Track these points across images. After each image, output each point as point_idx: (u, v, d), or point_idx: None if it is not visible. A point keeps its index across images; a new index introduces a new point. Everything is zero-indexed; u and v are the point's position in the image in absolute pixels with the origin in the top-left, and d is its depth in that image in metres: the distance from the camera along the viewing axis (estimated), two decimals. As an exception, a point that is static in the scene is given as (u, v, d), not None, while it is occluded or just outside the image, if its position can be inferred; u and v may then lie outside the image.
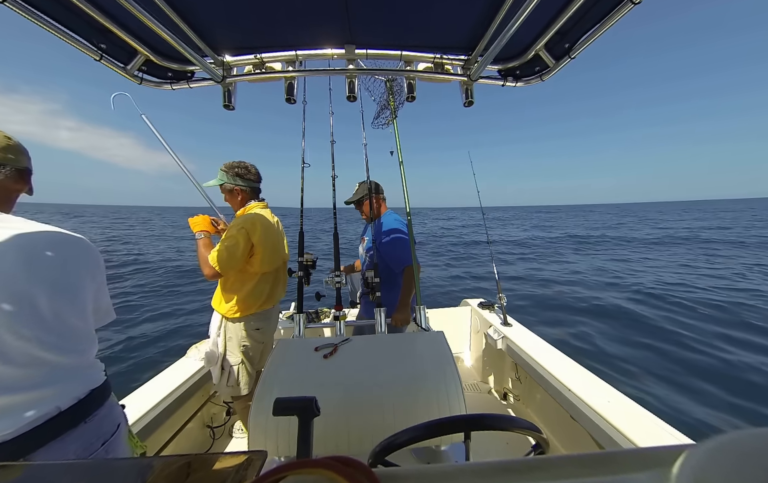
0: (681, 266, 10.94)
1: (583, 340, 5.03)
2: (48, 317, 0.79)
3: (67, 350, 0.83)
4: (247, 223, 1.75)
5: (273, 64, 1.45)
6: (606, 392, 1.62)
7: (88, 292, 0.91)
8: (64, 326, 0.83)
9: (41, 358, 0.77)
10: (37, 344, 0.77)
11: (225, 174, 1.86)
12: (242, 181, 1.87)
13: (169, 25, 1.07)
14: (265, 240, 1.80)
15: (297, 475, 0.32)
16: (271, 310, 1.98)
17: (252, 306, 1.84)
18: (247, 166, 1.90)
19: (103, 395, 0.91)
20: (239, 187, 1.88)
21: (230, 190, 1.89)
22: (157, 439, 1.67)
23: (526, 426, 0.77)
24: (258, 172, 1.95)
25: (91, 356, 0.92)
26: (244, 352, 1.84)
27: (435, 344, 1.41)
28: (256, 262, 1.80)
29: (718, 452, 0.22)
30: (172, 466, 0.43)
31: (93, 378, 0.90)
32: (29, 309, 0.76)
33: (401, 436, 0.75)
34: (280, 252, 1.98)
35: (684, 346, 4.66)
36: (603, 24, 1.07)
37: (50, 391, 0.78)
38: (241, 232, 1.72)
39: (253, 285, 1.84)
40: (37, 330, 0.77)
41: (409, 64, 1.48)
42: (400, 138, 2.23)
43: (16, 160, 0.90)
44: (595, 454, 0.33)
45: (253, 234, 1.75)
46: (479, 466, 0.33)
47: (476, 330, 2.89)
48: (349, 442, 1.09)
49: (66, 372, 0.82)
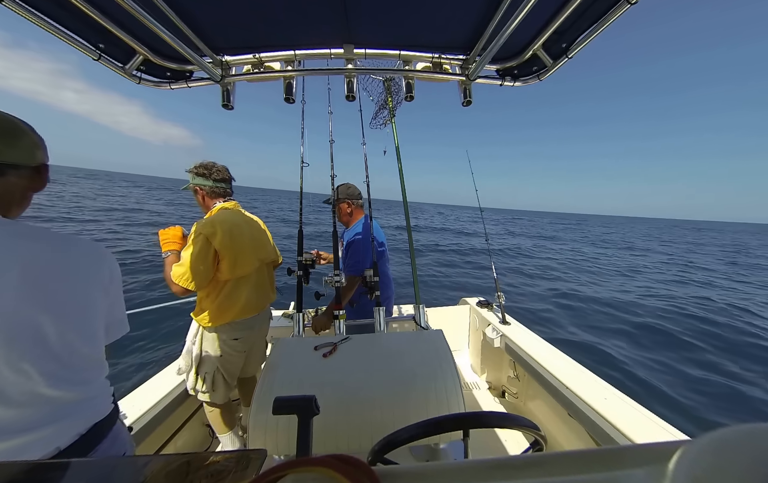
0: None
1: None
2: (56, 347, 0.70)
3: (74, 382, 0.74)
4: (206, 227, 1.59)
5: (272, 63, 1.45)
6: (603, 389, 1.63)
7: (100, 310, 0.81)
8: (73, 355, 0.74)
9: (44, 395, 0.68)
10: (40, 378, 0.68)
11: (190, 175, 1.75)
12: (204, 180, 1.74)
13: (168, 24, 1.07)
14: (230, 243, 1.64)
15: (297, 473, 0.32)
16: (252, 319, 1.82)
17: (226, 314, 1.70)
18: (210, 166, 1.75)
19: (106, 426, 0.82)
20: (200, 187, 1.75)
21: (194, 191, 1.78)
22: (156, 438, 1.67)
23: (524, 423, 0.77)
24: (224, 170, 1.79)
25: (98, 384, 0.83)
26: (221, 363, 1.74)
27: (434, 343, 1.42)
28: (224, 267, 1.63)
29: (715, 448, 0.22)
30: (172, 465, 0.43)
31: (98, 409, 0.80)
32: (33, 339, 0.67)
33: (400, 434, 0.75)
34: (256, 253, 1.82)
35: None
36: (600, 23, 1.07)
37: (50, 431, 0.70)
38: (198, 238, 1.57)
39: (226, 292, 1.69)
40: (41, 363, 0.68)
41: (408, 64, 1.48)
42: (399, 137, 2.24)
43: (31, 157, 0.76)
44: (592, 450, 0.34)
45: (213, 238, 1.59)
46: (478, 463, 0.33)
47: (475, 328, 2.90)
48: (348, 441, 1.09)
49: (69, 407, 0.73)
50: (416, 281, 2.09)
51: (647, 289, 9.89)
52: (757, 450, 0.20)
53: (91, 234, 11.53)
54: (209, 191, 1.77)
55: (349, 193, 2.20)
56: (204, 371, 1.73)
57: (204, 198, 1.78)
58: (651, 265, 15.54)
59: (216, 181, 1.76)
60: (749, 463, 0.20)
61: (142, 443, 1.49)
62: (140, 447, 1.47)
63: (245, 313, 1.76)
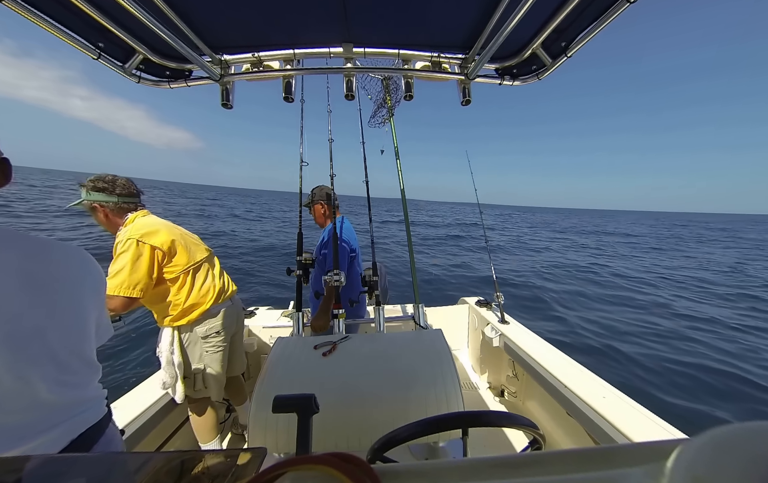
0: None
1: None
2: (59, 352, 0.70)
3: (73, 385, 0.74)
4: (137, 231, 1.53)
5: (271, 62, 1.44)
6: (602, 388, 1.63)
7: (92, 313, 0.82)
8: (71, 357, 0.74)
9: (42, 401, 0.68)
10: (42, 384, 0.67)
11: (83, 190, 1.55)
12: (106, 196, 1.56)
13: (167, 23, 1.07)
14: (176, 232, 1.66)
15: (296, 471, 0.32)
16: (224, 305, 1.81)
17: (200, 304, 1.70)
18: (111, 180, 1.59)
19: (100, 430, 0.81)
20: (99, 203, 1.56)
21: (91, 207, 1.58)
22: (156, 436, 1.67)
23: (523, 422, 0.78)
24: (128, 184, 1.64)
25: (93, 387, 0.82)
26: (207, 360, 1.73)
27: (433, 342, 1.42)
28: (182, 256, 1.63)
29: (713, 446, 0.22)
30: (172, 462, 0.43)
31: (92, 413, 0.80)
32: (38, 343, 0.67)
33: (400, 432, 0.75)
34: (199, 243, 1.83)
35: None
36: (600, 22, 1.07)
37: (43, 440, 0.68)
38: (129, 244, 1.49)
39: (190, 284, 1.68)
40: (43, 368, 0.67)
41: (407, 63, 1.48)
42: (398, 136, 2.23)
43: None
44: (591, 449, 0.34)
45: (151, 238, 1.54)
46: (477, 462, 0.34)
47: (474, 328, 2.91)
48: (347, 439, 1.09)
49: (65, 412, 0.72)
50: (415, 281, 2.09)
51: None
52: (757, 449, 0.20)
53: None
54: (114, 208, 1.59)
55: (323, 195, 2.25)
56: (193, 373, 1.71)
57: (107, 215, 1.60)
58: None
59: (121, 196, 1.60)
60: (749, 462, 0.20)
61: (138, 446, 1.49)
62: (136, 449, 1.47)
63: (217, 299, 1.76)
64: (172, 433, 1.85)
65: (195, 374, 1.71)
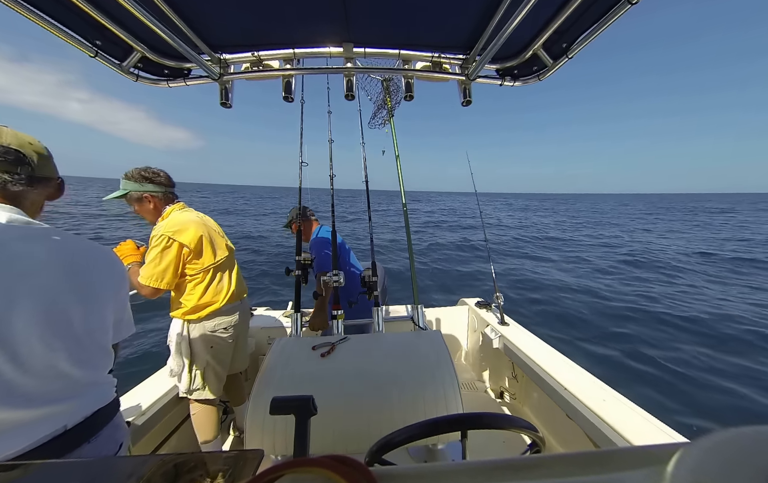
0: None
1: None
2: (79, 331, 0.80)
3: (89, 365, 0.83)
4: (170, 228, 1.63)
5: (270, 62, 1.44)
6: (602, 391, 1.62)
7: (111, 307, 0.92)
8: (91, 340, 0.84)
9: (63, 372, 0.77)
10: (65, 356, 0.77)
11: (130, 181, 1.66)
12: (153, 185, 1.69)
13: (166, 22, 1.06)
14: (205, 231, 1.74)
15: (294, 473, 0.32)
16: (235, 305, 1.88)
17: (213, 302, 1.76)
18: (156, 171, 1.72)
19: (109, 414, 0.89)
20: (150, 194, 1.69)
21: (139, 198, 1.69)
22: (154, 437, 1.67)
23: (523, 425, 0.77)
24: (168, 176, 1.77)
25: (105, 372, 0.91)
26: (212, 355, 1.78)
27: (432, 343, 1.42)
28: (207, 255, 1.72)
29: (714, 450, 0.22)
30: (169, 464, 0.43)
31: (103, 396, 0.88)
32: (65, 322, 0.77)
33: (398, 435, 0.75)
34: (224, 240, 1.90)
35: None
36: (601, 23, 1.07)
37: (62, 408, 0.77)
38: (161, 239, 1.60)
39: (208, 281, 1.75)
40: (68, 342, 0.77)
41: (407, 63, 1.48)
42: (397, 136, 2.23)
43: (56, 172, 0.90)
44: (591, 452, 0.34)
45: (180, 235, 1.64)
46: (476, 464, 0.33)
47: (473, 329, 2.90)
48: (346, 441, 1.09)
49: (80, 387, 0.81)
50: (414, 281, 2.09)
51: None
52: (757, 453, 0.20)
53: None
54: (162, 196, 1.73)
55: (294, 215, 2.37)
56: (196, 367, 1.76)
57: (156, 205, 1.72)
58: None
59: (165, 185, 1.74)
60: (748, 465, 0.20)
61: (138, 444, 1.49)
62: (135, 448, 1.47)
63: (230, 300, 1.83)
64: (174, 430, 1.85)
65: (198, 368, 1.76)
